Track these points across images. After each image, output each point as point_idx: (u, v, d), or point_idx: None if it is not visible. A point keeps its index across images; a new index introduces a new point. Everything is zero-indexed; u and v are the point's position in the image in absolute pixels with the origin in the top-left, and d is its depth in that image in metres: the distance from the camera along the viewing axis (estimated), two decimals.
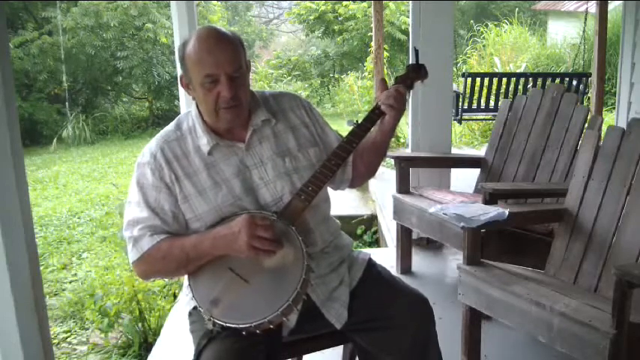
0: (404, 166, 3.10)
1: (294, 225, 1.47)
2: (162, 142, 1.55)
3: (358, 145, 1.58)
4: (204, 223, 1.51)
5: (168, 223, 1.51)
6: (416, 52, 1.74)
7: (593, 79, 4.95)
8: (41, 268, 2.12)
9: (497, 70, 9.02)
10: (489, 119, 6.53)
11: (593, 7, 5.81)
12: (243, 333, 1.39)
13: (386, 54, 8.00)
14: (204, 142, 1.54)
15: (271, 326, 1.39)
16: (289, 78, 13.77)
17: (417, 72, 1.69)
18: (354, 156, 1.64)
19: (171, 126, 1.60)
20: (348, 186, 1.74)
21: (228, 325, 1.39)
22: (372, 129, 1.60)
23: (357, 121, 1.60)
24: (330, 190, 1.70)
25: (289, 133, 1.62)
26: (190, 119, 1.59)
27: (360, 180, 1.74)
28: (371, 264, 1.69)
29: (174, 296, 3.66)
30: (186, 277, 1.53)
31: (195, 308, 1.54)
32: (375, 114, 1.59)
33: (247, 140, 1.56)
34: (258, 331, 1.38)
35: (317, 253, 1.57)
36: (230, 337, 1.41)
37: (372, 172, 1.73)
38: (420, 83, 1.70)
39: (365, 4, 11.89)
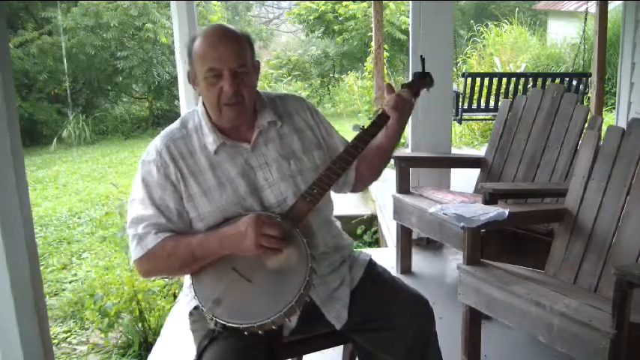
0: (404, 166, 3.10)
1: (298, 227, 1.47)
2: (168, 139, 1.55)
3: (364, 149, 1.58)
4: (207, 224, 1.51)
5: (173, 221, 1.51)
6: (422, 60, 1.72)
7: (593, 79, 4.94)
8: (41, 268, 2.12)
9: (497, 70, 9.00)
10: (489, 119, 6.53)
11: (593, 7, 5.81)
12: (245, 333, 1.39)
13: (386, 54, 8.00)
14: (211, 140, 1.54)
15: (274, 327, 1.39)
16: (289, 78, 13.73)
17: (422, 80, 1.69)
18: (357, 160, 1.63)
19: (176, 124, 1.60)
20: (351, 190, 1.75)
21: (230, 324, 1.39)
22: (379, 134, 1.60)
23: (363, 126, 1.61)
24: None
25: (294, 135, 1.62)
26: (196, 117, 1.59)
27: (363, 184, 1.75)
28: (372, 264, 1.69)
29: (174, 296, 3.66)
30: (187, 277, 1.53)
31: (196, 308, 1.54)
32: (380, 119, 1.59)
33: (253, 141, 1.57)
34: (260, 332, 1.38)
35: (318, 255, 1.57)
36: (231, 336, 1.41)
37: (375, 177, 1.74)
38: (425, 91, 1.71)
39: (365, 4, 11.87)
